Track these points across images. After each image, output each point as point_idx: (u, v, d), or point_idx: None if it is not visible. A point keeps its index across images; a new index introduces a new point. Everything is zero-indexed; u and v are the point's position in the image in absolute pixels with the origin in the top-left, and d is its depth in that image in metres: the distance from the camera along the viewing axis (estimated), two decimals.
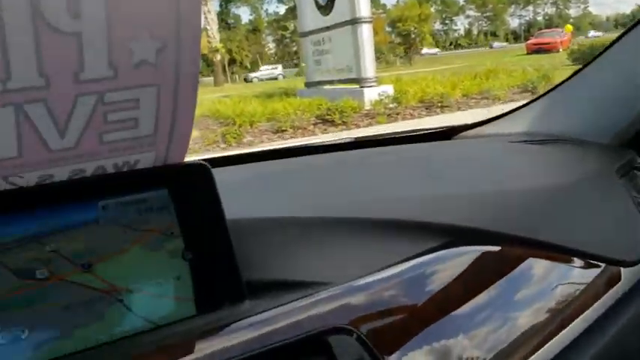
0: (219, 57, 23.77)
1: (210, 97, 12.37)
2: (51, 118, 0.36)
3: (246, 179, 0.75)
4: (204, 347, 0.41)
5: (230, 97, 11.26)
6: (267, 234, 0.54)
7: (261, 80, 27.07)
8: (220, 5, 29.45)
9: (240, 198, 0.62)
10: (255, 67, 33.14)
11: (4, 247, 0.39)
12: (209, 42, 23.70)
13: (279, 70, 29.18)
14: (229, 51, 28.80)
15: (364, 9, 8.62)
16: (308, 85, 10.61)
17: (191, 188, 0.45)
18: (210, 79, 27.22)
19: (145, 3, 0.33)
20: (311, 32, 10.11)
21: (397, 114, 7.68)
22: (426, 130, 1.03)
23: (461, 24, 70.36)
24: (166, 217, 0.44)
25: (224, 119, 7.94)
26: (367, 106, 8.04)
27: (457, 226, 0.59)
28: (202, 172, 0.45)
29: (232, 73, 30.38)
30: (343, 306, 0.47)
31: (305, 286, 0.49)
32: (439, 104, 8.02)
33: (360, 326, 0.46)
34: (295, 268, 0.52)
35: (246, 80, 29.03)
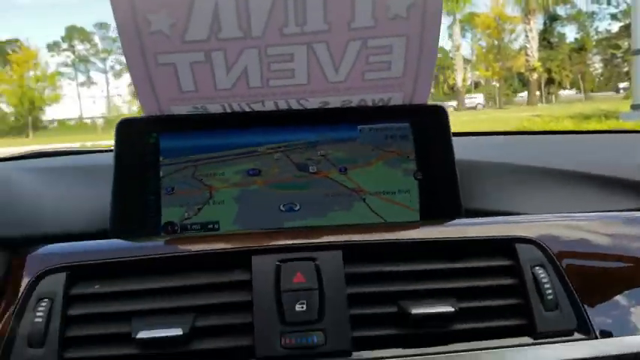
0: (535, 76, 22.84)
1: (519, 115, 12.13)
2: (330, 56, 0.47)
3: (483, 141, 0.87)
4: (422, 234, 0.50)
5: (540, 117, 10.85)
6: (489, 174, 0.63)
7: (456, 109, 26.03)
8: (544, 23, 28.09)
9: (473, 148, 0.72)
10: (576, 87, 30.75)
11: (292, 147, 0.53)
12: (527, 60, 22.97)
13: (478, 99, 27.42)
14: (548, 70, 27.34)
15: None
16: (635, 107, 9.45)
17: (429, 124, 0.54)
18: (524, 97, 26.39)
19: None
20: None
21: None
22: None
23: None
24: (406, 144, 0.54)
25: None
26: None
27: None
28: (440, 113, 0.55)
29: (548, 93, 28.79)
30: (540, 228, 0.50)
31: (514, 215, 0.55)
32: None
33: (549, 242, 0.49)
34: (508, 201, 0.60)
35: None
